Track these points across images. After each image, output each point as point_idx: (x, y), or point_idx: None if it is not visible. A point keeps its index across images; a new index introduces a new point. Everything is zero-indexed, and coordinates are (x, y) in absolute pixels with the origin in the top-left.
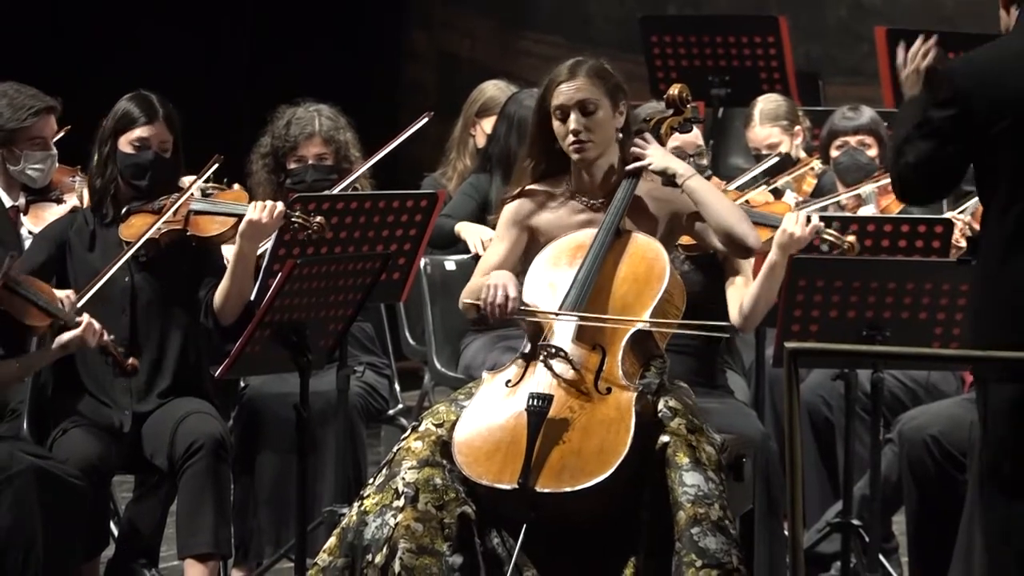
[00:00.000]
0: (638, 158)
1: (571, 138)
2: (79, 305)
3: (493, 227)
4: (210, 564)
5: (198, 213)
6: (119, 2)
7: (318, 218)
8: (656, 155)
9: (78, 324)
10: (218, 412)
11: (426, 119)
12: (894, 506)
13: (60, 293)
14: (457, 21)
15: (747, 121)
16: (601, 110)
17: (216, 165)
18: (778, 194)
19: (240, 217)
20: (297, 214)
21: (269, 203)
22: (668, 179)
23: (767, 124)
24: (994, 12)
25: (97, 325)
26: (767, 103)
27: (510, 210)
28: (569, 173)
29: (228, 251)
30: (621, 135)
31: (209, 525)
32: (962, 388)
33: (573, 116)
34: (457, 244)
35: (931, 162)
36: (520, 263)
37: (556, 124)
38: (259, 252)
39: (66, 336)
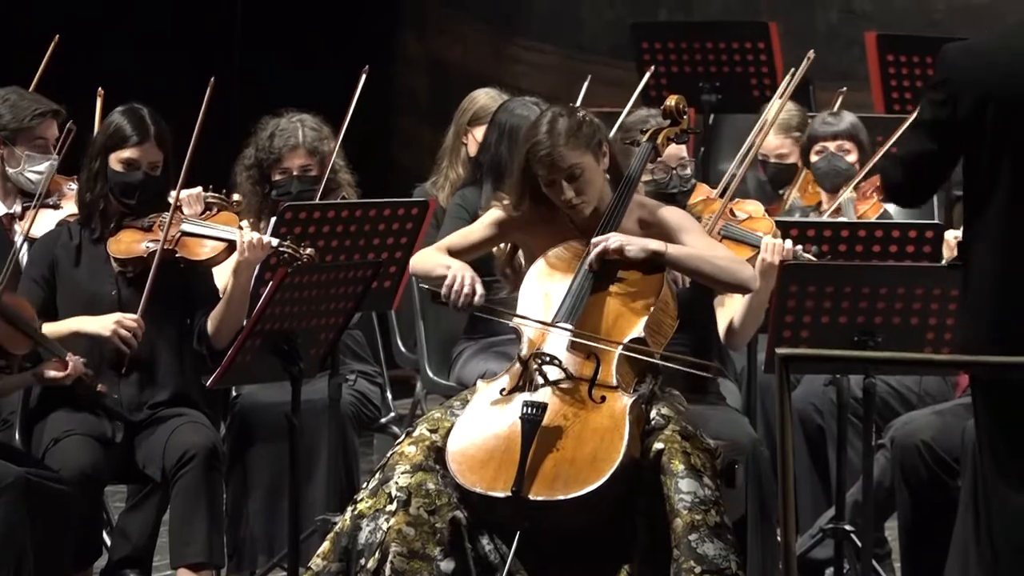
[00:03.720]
0: (614, 252)
1: (565, 205)
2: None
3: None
4: (203, 573)
5: (188, 235)
6: (112, 8)
7: (308, 250)
8: (632, 243)
9: (65, 365)
10: (210, 421)
11: (364, 76)
12: (887, 511)
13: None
14: (449, 27)
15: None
16: (587, 170)
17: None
18: (790, 213)
19: (229, 242)
20: (287, 243)
21: (255, 236)
22: (651, 259)
23: (779, 134)
24: (984, 16)
25: (80, 364)
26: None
27: (505, 211)
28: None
29: (218, 274)
30: (608, 176)
31: (202, 534)
32: (954, 393)
33: (562, 185)
34: None
35: (919, 157)
36: (480, 259)
37: (546, 190)
38: None
39: (49, 374)
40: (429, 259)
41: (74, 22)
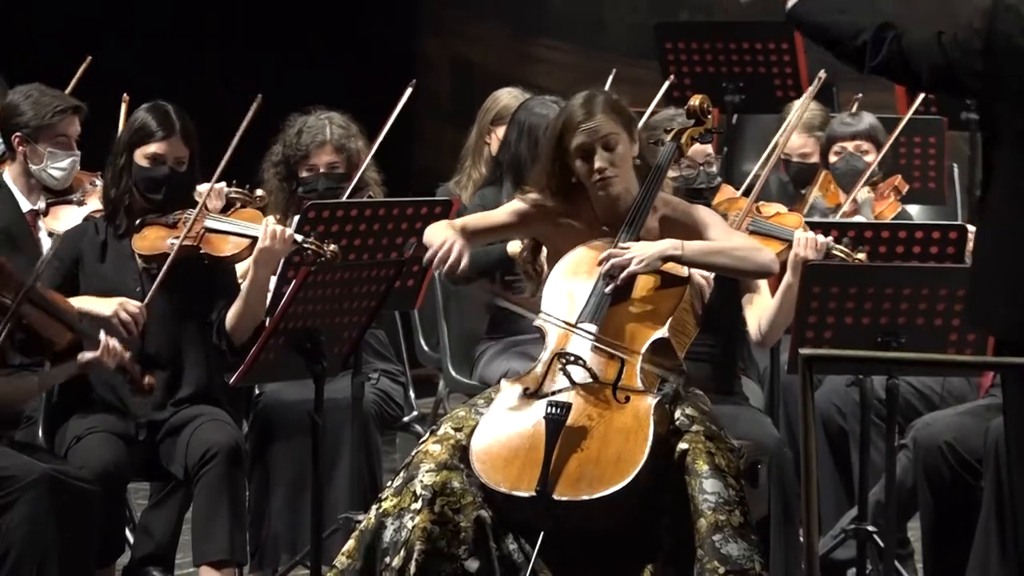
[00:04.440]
0: (626, 266)
1: (597, 176)
2: None
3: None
4: (225, 571)
5: (212, 231)
6: (136, 10)
7: (332, 247)
8: (646, 256)
9: (97, 343)
10: (232, 419)
11: (410, 90)
12: (909, 512)
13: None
14: (469, 28)
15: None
16: (621, 144)
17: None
18: (812, 212)
19: (253, 239)
20: (311, 240)
21: (279, 228)
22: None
23: (802, 133)
24: None
25: (116, 345)
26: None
27: (534, 199)
28: (587, 201)
29: (240, 267)
30: (639, 161)
31: (224, 532)
32: (977, 394)
33: (597, 154)
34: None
35: (920, 57)
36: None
37: (579, 164)
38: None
39: (87, 355)
40: (438, 228)
41: (81, 17)
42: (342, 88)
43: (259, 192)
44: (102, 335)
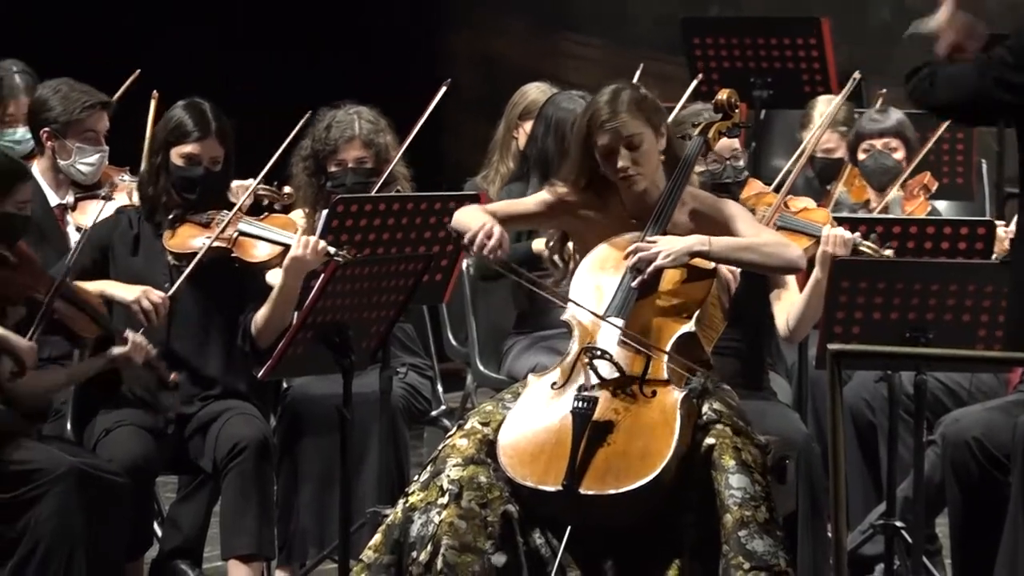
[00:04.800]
0: (652, 260)
1: (620, 175)
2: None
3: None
4: (253, 565)
5: (245, 235)
6: (157, 8)
7: None
8: (673, 252)
9: (125, 340)
10: (261, 413)
11: (444, 88)
12: (937, 508)
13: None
14: (496, 23)
15: (804, 122)
16: (646, 142)
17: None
18: (839, 208)
19: (286, 247)
20: (342, 252)
21: (312, 239)
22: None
23: (827, 129)
24: None
25: (143, 341)
26: (827, 106)
27: (563, 191)
28: (616, 194)
29: (271, 275)
30: (664, 157)
31: (253, 526)
32: (1006, 390)
33: (620, 153)
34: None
35: (974, 93)
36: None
37: (603, 161)
38: None
39: (116, 350)
40: (471, 212)
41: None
42: (368, 81)
43: (287, 189)
44: (128, 332)
